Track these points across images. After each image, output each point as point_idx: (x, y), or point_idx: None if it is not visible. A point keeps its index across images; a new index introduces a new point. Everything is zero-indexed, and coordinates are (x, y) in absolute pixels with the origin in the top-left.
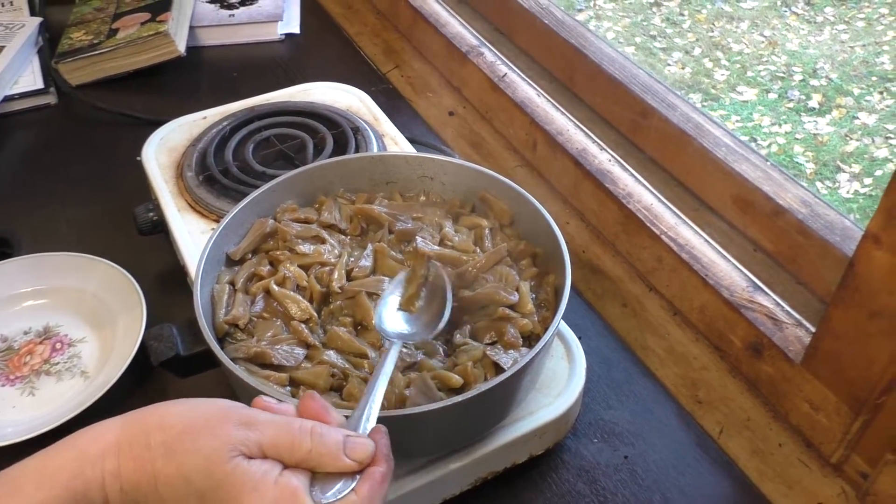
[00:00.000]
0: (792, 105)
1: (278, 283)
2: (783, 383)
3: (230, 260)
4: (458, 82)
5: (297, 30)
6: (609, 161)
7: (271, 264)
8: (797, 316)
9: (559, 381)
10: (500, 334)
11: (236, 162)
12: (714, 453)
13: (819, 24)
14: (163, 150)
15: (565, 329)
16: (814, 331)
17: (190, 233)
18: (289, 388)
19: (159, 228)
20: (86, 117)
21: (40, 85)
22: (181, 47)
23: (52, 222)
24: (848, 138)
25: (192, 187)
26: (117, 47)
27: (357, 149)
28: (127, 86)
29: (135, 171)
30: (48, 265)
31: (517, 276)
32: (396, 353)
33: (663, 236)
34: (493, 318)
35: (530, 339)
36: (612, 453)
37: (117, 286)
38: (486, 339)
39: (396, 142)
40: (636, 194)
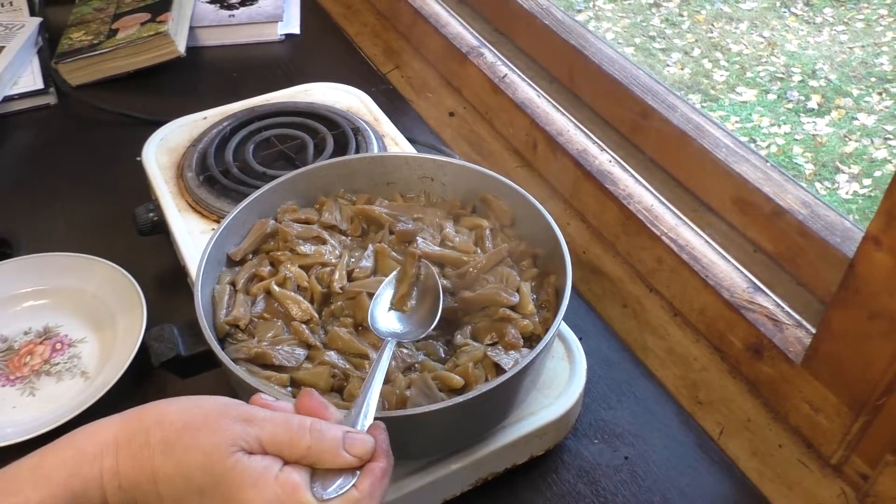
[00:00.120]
0: (791, 106)
1: (279, 284)
2: (783, 384)
3: (231, 260)
4: (459, 83)
5: (297, 30)
6: (609, 162)
7: (272, 265)
8: (797, 317)
9: (560, 381)
10: (501, 335)
11: (237, 162)
12: (714, 454)
13: (818, 25)
14: (163, 151)
15: (566, 330)
16: (814, 332)
17: (190, 233)
18: (290, 389)
19: (159, 229)
20: (86, 118)
21: (40, 85)
22: (181, 48)
23: (52, 222)
24: (847, 139)
25: (193, 188)
26: (117, 47)
27: (357, 149)
28: (127, 86)
29: (135, 171)
30: (48, 265)
31: (518, 277)
32: (390, 352)
33: (663, 237)
34: (494, 319)
35: (531, 340)
36: (612, 454)
37: (117, 286)
38: (487, 339)
39: (397, 142)
40: (636, 195)
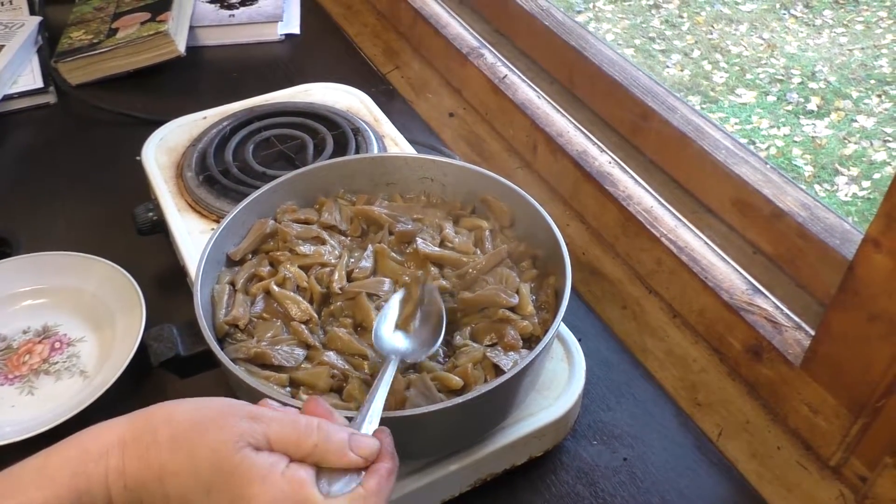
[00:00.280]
0: (790, 108)
1: (278, 284)
2: (782, 386)
3: (230, 260)
4: (459, 83)
5: (297, 30)
6: (609, 163)
7: (271, 265)
8: (796, 319)
9: (559, 382)
10: (500, 336)
11: (236, 162)
12: (713, 456)
13: (818, 27)
14: (162, 150)
15: (565, 331)
16: (813, 334)
17: (190, 233)
18: (289, 389)
19: (159, 228)
20: (85, 117)
21: (40, 84)
22: (181, 47)
23: (51, 222)
24: (846, 141)
25: (192, 187)
26: (117, 47)
27: (357, 150)
28: (126, 85)
29: (134, 170)
30: (47, 265)
31: (517, 278)
32: (394, 368)
33: (663, 238)
34: (493, 320)
35: (530, 341)
36: (611, 455)
37: (117, 286)
38: (486, 340)
39: (396, 143)
40: (636, 196)
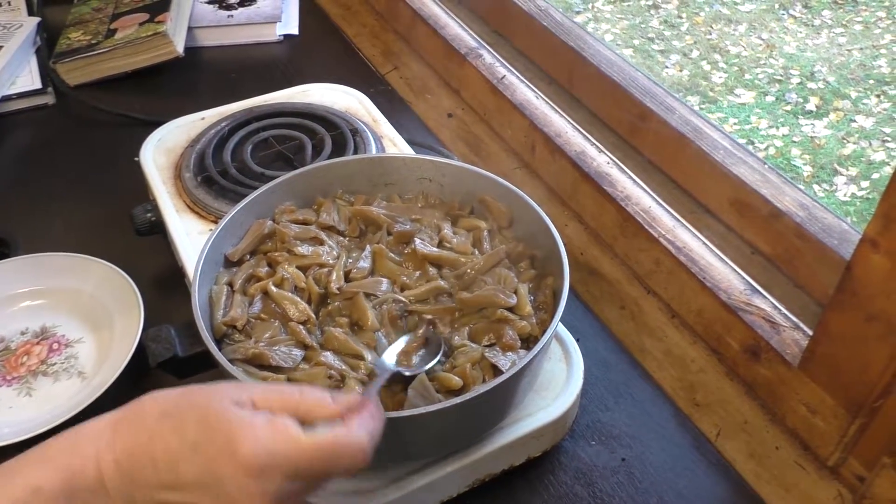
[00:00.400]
0: (789, 108)
1: (276, 285)
2: (780, 386)
3: (228, 261)
4: (457, 84)
5: (295, 31)
6: (607, 163)
7: (269, 265)
8: (794, 319)
9: (557, 383)
10: (499, 336)
11: (234, 163)
12: (711, 456)
13: (817, 28)
14: (161, 151)
15: (563, 331)
16: (811, 334)
17: (188, 233)
18: None
19: (157, 229)
20: (84, 118)
21: (38, 85)
22: (179, 48)
23: (49, 223)
24: (845, 141)
25: (191, 188)
26: (115, 48)
27: (356, 150)
28: (125, 86)
29: (133, 171)
30: (45, 265)
31: (515, 279)
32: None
33: (661, 239)
34: (492, 320)
35: (528, 342)
36: (609, 455)
37: (115, 287)
38: (485, 340)
39: (395, 143)
40: (634, 197)
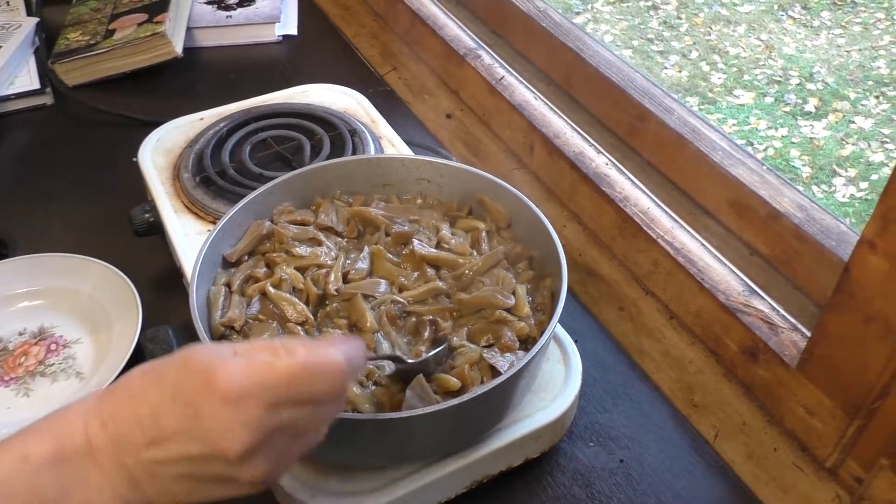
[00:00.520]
0: (788, 109)
1: (274, 286)
2: (778, 387)
3: (226, 262)
4: (456, 85)
5: (294, 31)
6: (606, 164)
7: (268, 266)
8: (793, 320)
9: (555, 384)
10: (497, 337)
11: (233, 163)
12: (709, 457)
13: (815, 29)
14: (159, 152)
15: (561, 332)
16: (809, 335)
17: (186, 234)
18: None
19: (155, 230)
20: (82, 118)
21: (36, 85)
22: (178, 48)
23: (47, 223)
24: (844, 142)
25: (189, 189)
26: (114, 48)
27: (354, 151)
28: (124, 87)
29: (131, 172)
30: (44, 266)
31: (514, 280)
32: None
33: (660, 240)
34: (490, 321)
35: (527, 343)
36: (607, 457)
37: (113, 287)
38: (483, 341)
39: (393, 144)
40: (633, 198)
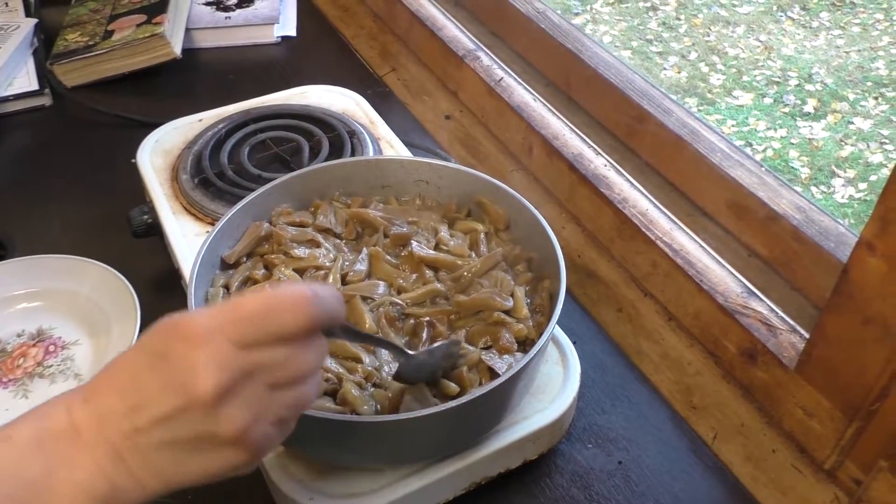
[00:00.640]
0: (787, 110)
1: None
2: (777, 389)
3: (225, 263)
4: (455, 86)
5: (293, 32)
6: (605, 166)
7: (266, 268)
8: (791, 322)
9: (554, 386)
10: (495, 339)
11: (231, 165)
12: (708, 459)
13: (814, 30)
14: (158, 153)
15: (560, 334)
16: (808, 337)
17: (184, 235)
18: None
19: (154, 231)
20: (81, 119)
21: (35, 86)
22: (177, 49)
23: (46, 224)
24: (843, 143)
25: (187, 190)
26: (113, 49)
27: (353, 152)
28: (122, 88)
29: (130, 173)
30: (42, 267)
31: (512, 281)
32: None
33: (658, 241)
34: (488, 323)
35: (525, 344)
36: (606, 458)
37: (111, 289)
38: (481, 343)
39: (392, 145)
40: (631, 199)
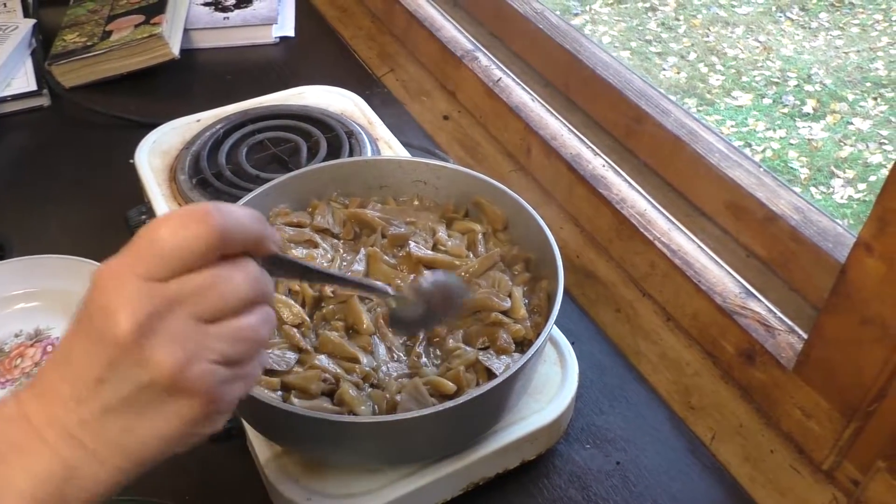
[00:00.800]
0: (786, 110)
1: None
2: (775, 390)
3: None
4: (453, 86)
5: (291, 33)
6: (603, 166)
7: None
8: (789, 322)
9: (551, 386)
10: (493, 339)
11: (230, 165)
12: (706, 459)
13: (814, 30)
14: (156, 153)
15: (558, 334)
16: (806, 337)
17: None
18: (280, 393)
19: None
20: (79, 119)
21: (33, 87)
22: (175, 50)
23: (44, 225)
24: (842, 144)
25: (186, 190)
26: (111, 49)
27: (351, 152)
28: (120, 88)
29: (128, 173)
30: (40, 267)
31: (510, 282)
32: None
33: (656, 242)
34: (486, 324)
35: (523, 345)
36: (604, 459)
37: None
38: (479, 344)
39: (390, 146)
40: (630, 200)
